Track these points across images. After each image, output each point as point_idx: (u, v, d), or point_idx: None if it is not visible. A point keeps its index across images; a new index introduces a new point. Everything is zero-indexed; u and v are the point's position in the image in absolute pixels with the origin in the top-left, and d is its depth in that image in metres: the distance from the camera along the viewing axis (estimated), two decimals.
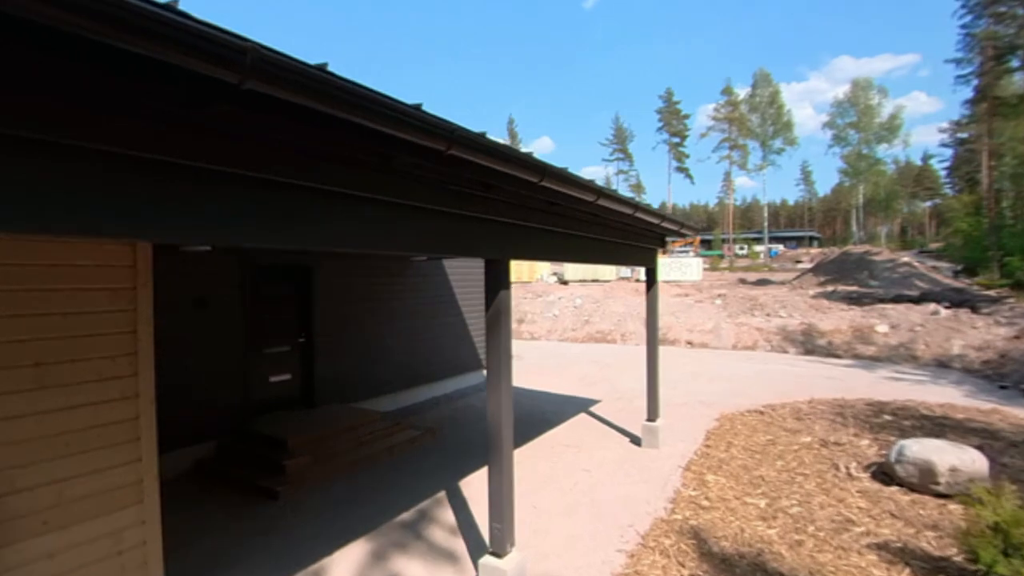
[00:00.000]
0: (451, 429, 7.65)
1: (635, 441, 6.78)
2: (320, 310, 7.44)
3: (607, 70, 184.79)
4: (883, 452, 5.90)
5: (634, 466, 6.00)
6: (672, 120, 65.33)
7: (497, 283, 3.38)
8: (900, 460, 5.19)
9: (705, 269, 43.46)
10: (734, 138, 56.44)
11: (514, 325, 22.57)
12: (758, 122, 51.49)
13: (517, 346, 17.77)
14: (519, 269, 46.94)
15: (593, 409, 8.68)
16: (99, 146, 1.48)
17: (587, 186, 3.36)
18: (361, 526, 4.78)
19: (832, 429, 7.10)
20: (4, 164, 1.33)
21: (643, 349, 16.04)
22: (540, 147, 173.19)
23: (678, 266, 39.82)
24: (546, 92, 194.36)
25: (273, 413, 6.87)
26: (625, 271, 43.86)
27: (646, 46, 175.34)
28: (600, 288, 26.36)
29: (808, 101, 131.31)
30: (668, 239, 6.74)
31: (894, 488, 5.15)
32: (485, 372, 10.89)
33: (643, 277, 36.39)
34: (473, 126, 2.27)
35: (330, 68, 1.71)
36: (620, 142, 72.19)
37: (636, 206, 4.32)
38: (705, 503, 4.97)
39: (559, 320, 22.04)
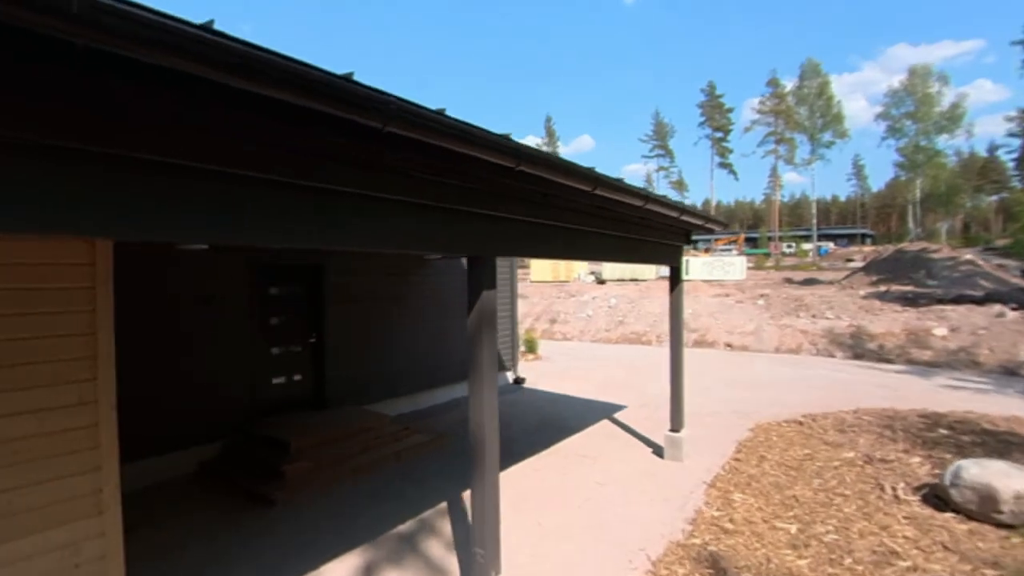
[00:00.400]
0: (464, 434, 7.34)
1: (658, 452, 6.31)
2: (331, 310, 7.27)
3: (648, 65, 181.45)
4: (937, 472, 5.26)
5: (653, 481, 5.54)
6: (715, 114, 63.26)
7: (479, 283, 3.03)
8: (956, 483, 4.56)
9: (750, 268, 41.89)
10: (780, 132, 54.13)
11: (546, 325, 22.18)
12: (806, 115, 49.11)
13: (547, 347, 17.39)
14: (556, 268, 46.61)
15: (617, 416, 8.22)
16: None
17: (578, 173, 2.97)
18: (358, 536, 4.53)
19: (879, 443, 6.44)
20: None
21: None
22: (580, 146, 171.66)
23: (720, 265, 38.54)
24: (586, 90, 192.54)
25: (282, 414, 6.73)
26: (664, 270, 42.86)
27: (688, 40, 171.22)
28: (636, 287, 25.63)
29: (861, 92, 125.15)
30: (696, 235, 6.24)
31: (948, 515, 4.53)
32: (509, 375, 10.62)
33: (687, 275, 35.22)
34: (511, 127, 2.00)
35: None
36: (660, 138, 70.44)
37: (646, 197, 3.89)
38: (729, 526, 4.49)
39: (592, 320, 21.52)
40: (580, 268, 45.33)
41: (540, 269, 46.78)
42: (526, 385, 10.39)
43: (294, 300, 6.99)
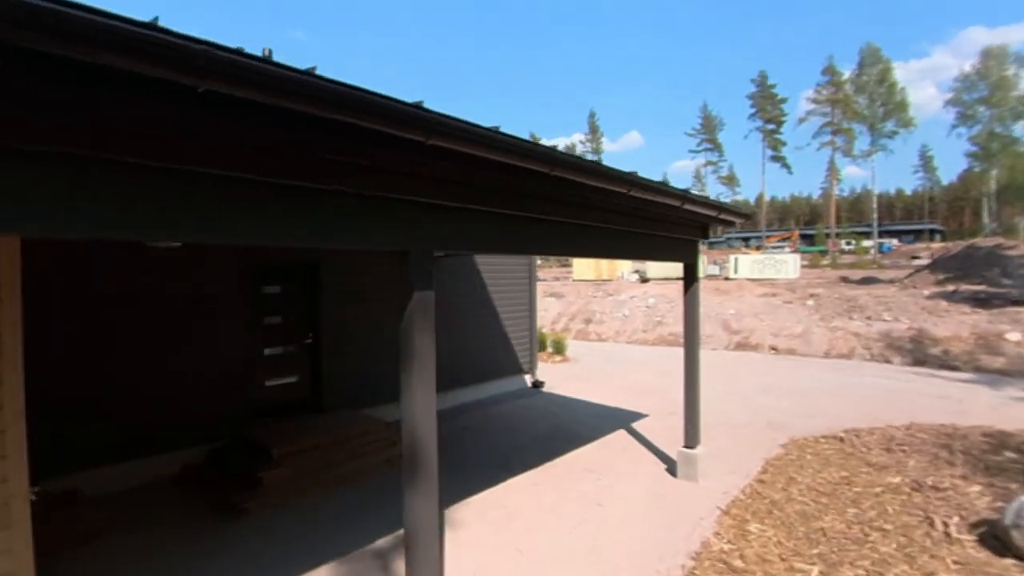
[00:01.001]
0: (466, 441, 6.93)
1: (672, 470, 5.70)
2: (328, 309, 7.00)
3: (697, 58, 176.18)
4: (999, 506, 4.45)
5: (661, 503, 4.95)
6: (766, 105, 60.43)
7: (409, 282, 2.57)
8: (1020, 523, 3.79)
9: (804, 267, 39.79)
10: (837, 122, 51.08)
11: (581, 325, 21.56)
12: (865, 103, 46.17)
13: (578, 348, 16.80)
14: (598, 267, 45.72)
15: (635, 425, 7.61)
16: None
17: (530, 153, 2.47)
18: (328, 552, 4.18)
19: (932, 467, 5.60)
20: None
21: (720, 355, 14.45)
22: (628, 142, 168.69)
23: (772, 263, 36.83)
24: (634, 86, 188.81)
25: (276, 417, 6.49)
26: (713, 267, 41.14)
27: (738, 29, 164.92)
28: (677, 287, 24.58)
29: (930, 79, 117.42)
30: (729, 232, 5.59)
31: (1009, 561, 3.76)
32: (527, 377, 10.14)
33: (735, 274, 33.77)
34: (558, 123, 1.65)
35: None
36: (708, 131, 67.96)
37: (632, 182, 3.34)
38: (738, 563, 3.87)
39: (629, 321, 20.76)
40: (624, 266, 44.25)
41: (581, 268, 45.99)
42: (545, 389, 9.88)
43: (290, 299, 6.75)
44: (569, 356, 14.13)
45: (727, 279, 34.97)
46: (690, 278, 5.41)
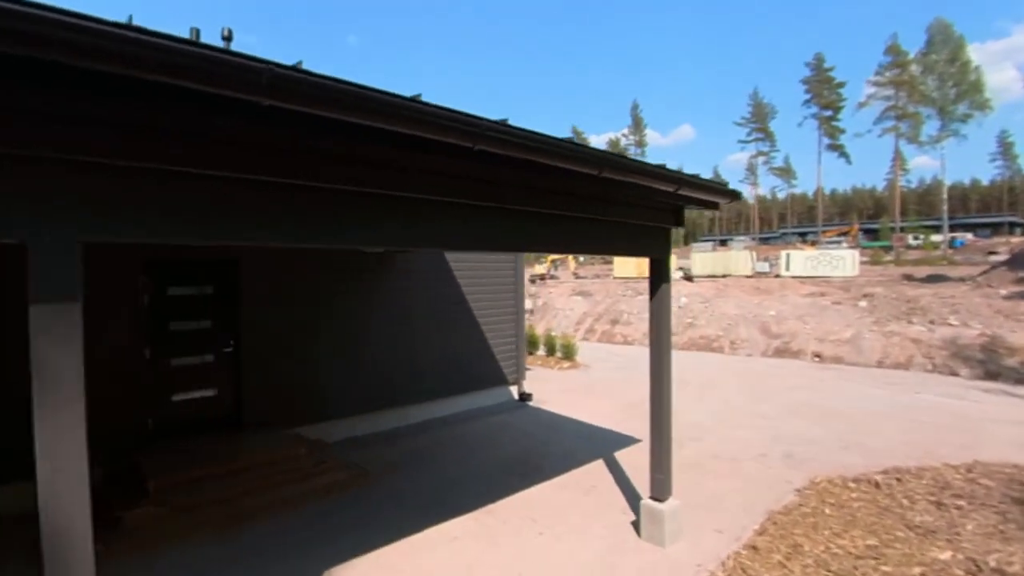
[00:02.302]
0: (406, 469, 5.82)
1: (639, 524, 4.41)
2: (251, 313, 6.05)
3: (748, 47, 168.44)
4: None
5: None
6: (823, 90, 56.19)
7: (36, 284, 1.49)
8: None
9: (864, 263, 36.65)
10: (902, 106, 46.90)
11: (607, 326, 20.16)
12: (935, 85, 42.03)
13: (595, 352, 15.48)
14: (640, 265, 43.78)
15: (621, 454, 6.32)
16: None
17: (413, 114, 1.39)
18: None
19: (998, 535, 4.10)
20: None
21: (753, 363, 12.79)
22: (680, 135, 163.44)
23: (828, 259, 34.14)
24: (685, 77, 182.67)
25: (187, 436, 5.61)
26: (762, 264, 38.49)
27: (794, 12, 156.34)
28: (714, 285, 22.75)
29: (1010, 61, 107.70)
30: (697, 210, 4.27)
31: None
32: (512, 389, 8.97)
33: (786, 271, 31.29)
34: (604, 119, 2.38)
35: None
36: (759, 120, 64.05)
37: (568, 153, 2.18)
38: None
39: None
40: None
41: (623, 265, 44.23)
42: (533, 403, 8.68)
43: (203, 302, 5.83)
44: (579, 362, 12.85)
45: (777, 277, 32.53)
46: (658, 278, 4.11)
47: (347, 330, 6.82)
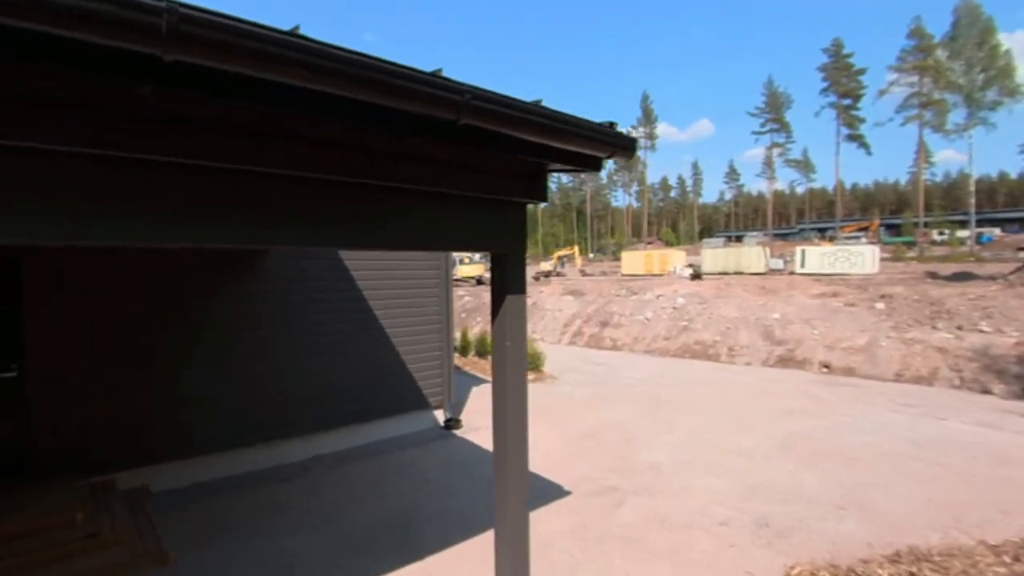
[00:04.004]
0: (238, 538, 4.24)
1: None
2: (44, 327, 4.55)
3: (766, 39, 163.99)
4: None
5: None
6: (841, 78, 53.33)
7: None
8: None
9: (885, 260, 34.36)
10: (927, 92, 44.17)
11: (595, 329, 18.50)
12: (961, 70, 39.29)
13: (574, 360, 13.83)
14: (649, 260, 42.04)
15: (538, 514, 4.70)
16: None
17: None
18: None
19: None
20: None
21: (751, 374, 11.02)
22: (698, 131, 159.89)
23: (845, 256, 32.06)
24: (702, 72, 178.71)
25: None
26: (776, 261, 36.33)
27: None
28: (714, 285, 20.89)
29: None
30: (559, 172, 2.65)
31: None
32: (437, 414, 7.34)
33: (801, 268, 29.16)
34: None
35: None
36: (774, 110, 61.20)
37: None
38: None
39: (650, 325, 17.47)
40: (676, 260, 40.41)
41: (631, 261, 42.53)
42: (460, 430, 7.06)
43: None
44: (547, 372, 11.21)
45: (791, 274, 30.44)
46: (505, 284, 2.47)
47: (201, 346, 5.30)
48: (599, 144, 2.18)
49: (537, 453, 6.18)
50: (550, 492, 5.16)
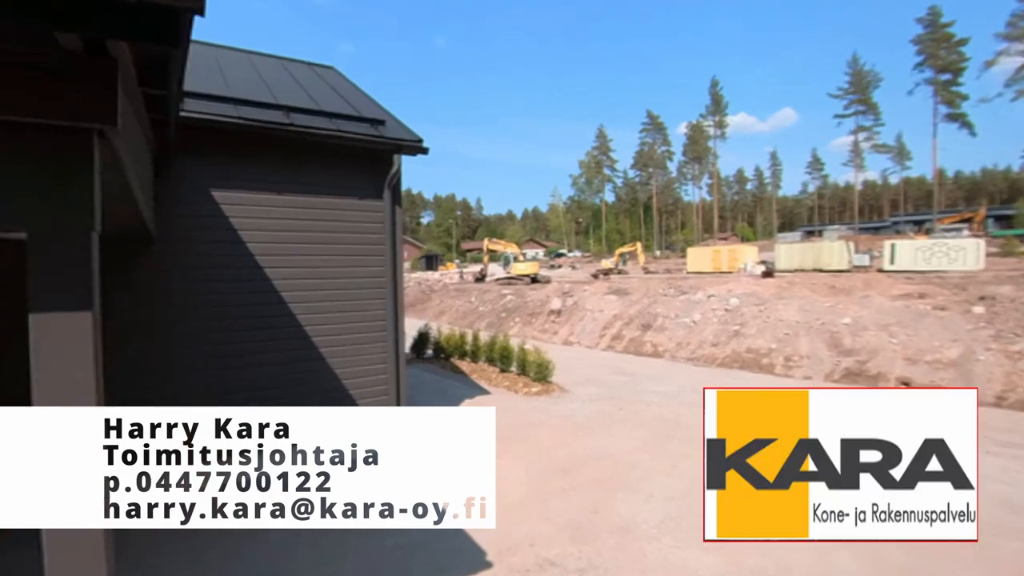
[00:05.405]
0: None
1: None
2: None
3: (850, 20, 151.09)
4: None
5: None
6: (938, 50, 47.23)
7: None
8: None
9: (993, 255, 29.98)
10: None
11: (636, 333, 16.77)
12: None
13: (599, 369, 12.27)
14: (717, 257, 39.00)
15: None
16: None
17: None
18: None
19: None
20: None
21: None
22: (781, 120, 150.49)
23: (944, 250, 28.07)
24: (786, 58, 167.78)
25: None
26: (861, 256, 32.74)
27: None
28: (776, 282, 18.50)
29: None
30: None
31: None
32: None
33: (891, 264, 25.69)
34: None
35: None
36: (860, 90, 55.31)
37: None
38: None
39: (696, 329, 15.55)
40: (747, 255, 37.17)
41: (698, 258, 39.67)
42: None
43: None
44: (556, 385, 9.79)
45: (879, 271, 26.99)
46: (40, 282, 1.20)
47: None
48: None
49: (498, 492, 4.86)
50: (461, 560, 3.83)
